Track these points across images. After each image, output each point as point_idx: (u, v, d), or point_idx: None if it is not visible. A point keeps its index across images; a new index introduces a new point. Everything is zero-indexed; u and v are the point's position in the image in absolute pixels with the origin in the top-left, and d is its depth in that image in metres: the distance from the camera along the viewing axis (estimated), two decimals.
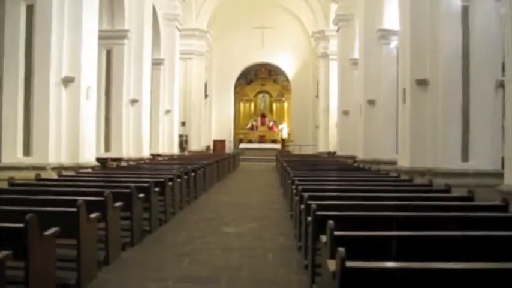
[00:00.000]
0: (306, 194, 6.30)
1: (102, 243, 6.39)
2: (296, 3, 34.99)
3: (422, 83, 12.35)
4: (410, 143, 12.56)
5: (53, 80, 12.50)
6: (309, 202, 5.96)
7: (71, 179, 10.00)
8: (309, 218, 5.53)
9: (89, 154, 13.52)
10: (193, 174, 12.78)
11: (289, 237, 8.30)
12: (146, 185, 8.31)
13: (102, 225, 6.44)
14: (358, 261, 3.39)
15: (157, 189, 8.78)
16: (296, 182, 8.52)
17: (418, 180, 11.67)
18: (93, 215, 5.85)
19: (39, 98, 12.35)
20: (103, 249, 6.40)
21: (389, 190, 8.16)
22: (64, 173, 12.08)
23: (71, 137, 12.89)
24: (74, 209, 5.41)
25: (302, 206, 6.45)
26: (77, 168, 12.74)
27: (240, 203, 12.84)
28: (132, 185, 7.60)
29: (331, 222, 4.29)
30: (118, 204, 6.72)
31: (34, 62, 12.38)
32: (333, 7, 27.35)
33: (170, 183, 9.75)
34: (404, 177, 11.52)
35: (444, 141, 11.95)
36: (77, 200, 5.61)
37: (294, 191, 8.36)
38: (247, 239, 8.24)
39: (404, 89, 13.02)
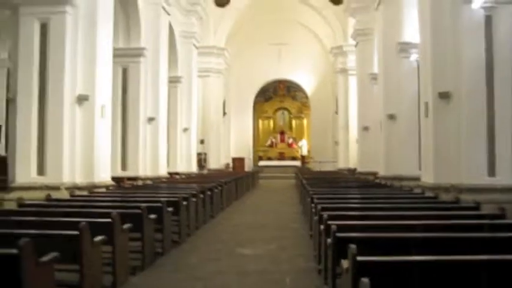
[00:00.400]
0: (325, 214, 5.88)
1: (110, 267, 6.06)
2: (313, 19, 34.78)
3: (444, 96, 11.95)
4: (433, 158, 12.12)
5: (67, 98, 12.38)
6: (329, 222, 5.58)
7: (83, 199, 9.72)
8: (329, 240, 5.12)
9: (104, 173, 13.29)
10: (209, 193, 12.42)
11: (309, 259, 7.86)
12: (159, 204, 7.96)
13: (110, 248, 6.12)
14: None
15: (170, 209, 8.43)
16: (315, 200, 8.11)
17: (443, 196, 11.24)
18: (97, 238, 5.53)
19: (53, 117, 12.24)
20: (111, 273, 6.06)
21: (414, 208, 7.71)
22: (78, 192, 11.86)
23: (85, 156, 12.68)
24: (76, 232, 5.08)
25: (322, 227, 6.04)
26: (92, 187, 12.50)
27: (257, 223, 12.43)
28: (143, 205, 7.26)
29: (353, 247, 3.87)
30: (126, 226, 6.38)
31: (48, 80, 12.31)
32: (351, 22, 27.07)
33: (185, 203, 9.39)
34: (428, 193, 11.03)
35: (469, 155, 11.53)
36: (80, 222, 5.28)
37: (313, 210, 7.96)
38: (264, 261, 7.81)
39: (426, 103, 12.60)
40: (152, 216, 7.48)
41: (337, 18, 31.70)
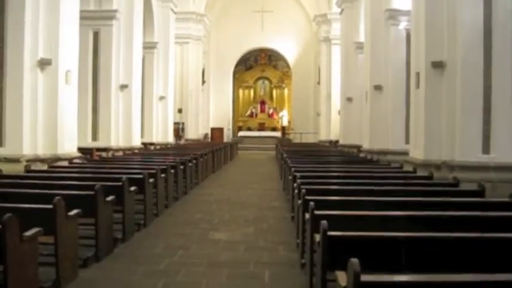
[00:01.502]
0: (312, 204, 4.97)
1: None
2: None
3: (438, 65, 11.10)
4: (424, 132, 11.31)
5: (28, 62, 11.25)
6: (316, 212, 4.75)
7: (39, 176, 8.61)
8: (318, 237, 4.26)
9: (69, 144, 12.27)
10: (182, 167, 11.46)
11: (291, 248, 6.93)
12: (118, 183, 6.98)
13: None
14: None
15: (133, 188, 7.46)
16: (299, 182, 7.12)
17: (434, 174, 10.50)
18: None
19: (12, 83, 11.13)
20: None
21: (407, 192, 6.84)
22: (39, 166, 10.93)
23: (48, 125, 11.64)
24: None
25: (307, 216, 5.15)
26: (55, 160, 11.50)
27: (234, 200, 11.47)
28: (98, 184, 6.30)
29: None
30: (74, 212, 5.42)
31: (6, 42, 11.12)
32: None
33: (151, 180, 8.44)
34: (420, 171, 10.23)
35: (462, 130, 10.74)
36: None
37: (296, 192, 7.04)
38: (240, 250, 6.87)
39: (417, 73, 11.75)
40: (110, 197, 6.50)
41: None
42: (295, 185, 7.52)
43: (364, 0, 19.87)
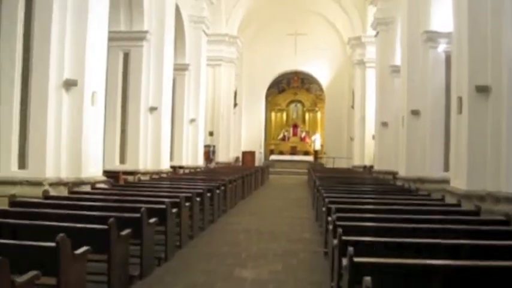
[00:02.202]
0: (351, 250, 4.30)
1: None
2: (331, 8, 33.19)
3: (483, 90, 10.40)
4: (467, 161, 10.57)
5: (53, 83, 10.94)
6: (356, 260, 4.13)
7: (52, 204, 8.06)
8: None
9: (93, 168, 11.84)
10: (209, 194, 10.90)
11: None
12: (137, 215, 6.46)
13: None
14: None
15: (153, 220, 6.86)
16: (334, 218, 6.42)
17: (477, 205, 9.74)
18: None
19: (37, 103, 10.84)
20: None
21: (460, 232, 6.08)
22: (62, 190, 10.56)
23: (72, 148, 11.25)
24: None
25: (345, 262, 4.49)
26: (78, 183, 11.11)
27: (263, 230, 10.79)
28: (113, 214, 5.73)
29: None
30: (82, 249, 4.88)
31: (32, 61, 10.86)
32: (371, 11, 25.54)
33: (174, 210, 7.90)
34: (464, 203, 9.45)
35: (510, 159, 9.98)
36: None
37: (331, 229, 6.30)
38: None
39: (459, 98, 11.03)
40: (126, 231, 5.92)
41: (355, 7, 30.11)
42: (329, 218, 6.87)
43: (400, 23, 19.27)
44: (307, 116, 41.21)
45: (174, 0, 18.78)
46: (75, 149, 11.29)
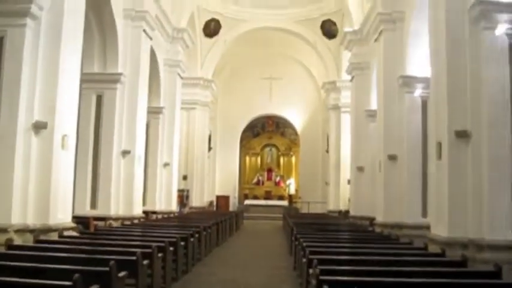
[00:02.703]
0: None
1: None
2: (306, 53, 33.44)
3: (462, 135, 10.33)
4: (448, 207, 10.40)
5: (21, 124, 10.51)
6: None
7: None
8: None
9: (62, 214, 11.31)
10: (183, 243, 10.42)
11: None
12: (105, 269, 5.96)
13: None
14: None
15: (123, 273, 6.29)
16: (317, 272, 5.87)
17: (458, 253, 9.49)
18: None
19: (4, 146, 10.40)
20: None
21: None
22: (28, 237, 10.04)
23: (40, 193, 10.74)
24: None
25: None
26: (46, 231, 10.56)
27: (239, 282, 10.18)
28: (80, 268, 5.25)
29: None
30: None
31: (0, 102, 10.44)
32: (345, 56, 25.72)
33: (146, 262, 7.42)
34: (449, 252, 9.15)
35: (491, 205, 9.86)
36: None
37: (315, 284, 5.84)
38: None
39: (439, 143, 10.92)
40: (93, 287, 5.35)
41: (330, 52, 30.31)
42: (311, 271, 6.50)
43: (376, 68, 19.36)
44: (281, 160, 41.09)
45: (149, 43, 18.58)
46: (44, 194, 10.78)
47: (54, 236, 10.38)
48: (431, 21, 12.03)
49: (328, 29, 29.90)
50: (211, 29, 30.15)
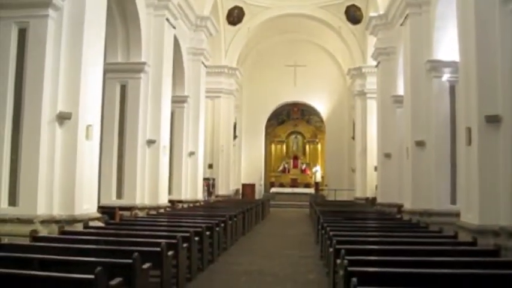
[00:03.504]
0: None
1: None
2: (330, 39, 33.08)
3: (493, 120, 9.99)
4: (479, 194, 10.10)
5: (46, 116, 10.58)
6: None
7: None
8: None
9: (87, 204, 11.34)
10: (208, 233, 10.35)
11: None
12: (129, 261, 5.89)
13: None
14: None
15: (147, 265, 6.20)
16: (345, 263, 5.69)
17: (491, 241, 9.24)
18: None
19: (29, 137, 10.46)
20: None
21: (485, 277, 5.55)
22: (53, 228, 10.08)
23: (65, 184, 10.80)
24: None
25: None
26: (71, 221, 10.60)
27: (266, 272, 10.09)
28: (103, 261, 5.17)
29: None
30: None
31: (24, 94, 10.51)
32: (371, 42, 25.31)
33: (171, 253, 7.33)
34: (480, 240, 8.88)
35: None
36: None
37: (342, 274, 5.65)
38: None
39: (468, 128, 10.62)
40: (116, 280, 5.21)
41: (355, 38, 29.94)
42: (338, 261, 6.34)
43: (402, 53, 19.00)
44: (307, 147, 40.83)
45: (172, 32, 18.49)
46: (69, 185, 10.83)
47: (79, 227, 10.41)
48: (458, 2, 11.68)
49: (353, 14, 29.50)
50: (235, 16, 29.99)
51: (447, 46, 15.32)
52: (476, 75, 10.32)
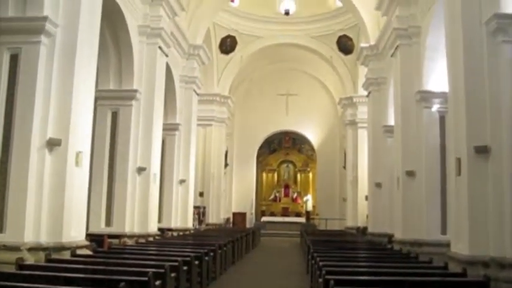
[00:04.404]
0: None
1: None
2: (322, 69, 33.46)
3: (482, 150, 10.06)
4: (469, 224, 10.12)
5: (35, 142, 10.48)
6: None
7: None
8: None
9: (76, 231, 11.22)
10: (197, 262, 10.25)
11: None
12: None
13: None
14: None
15: None
16: None
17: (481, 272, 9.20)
18: None
19: (18, 163, 10.35)
20: None
21: None
22: (41, 255, 9.94)
23: (53, 210, 10.66)
24: None
25: None
26: (58, 249, 10.47)
27: None
28: None
29: None
30: None
31: (14, 119, 10.47)
32: (362, 72, 25.60)
33: (157, 282, 7.21)
34: (470, 270, 8.84)
35: None
36: None
37: None
38: None
39: (458, 159, 10.69)
40: None
41: (347, 68, 30.31)
42: None
43: (392, 83, 19.19)
44: (298, 176, 40.84)
45: (165, 60, 18.58)
46: (57, 211, 10.71)
47: (67, 255, 10.28)
48: (448, 35, 11.86)
49: (345, 45, 29.90)
50: (227, 45, 30.31)
51: (437, 77, 15.48)
52: (465, 106, 10.42)
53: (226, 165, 33.59)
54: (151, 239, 15.99)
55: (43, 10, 10.77)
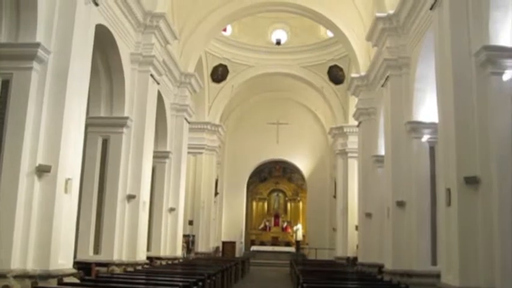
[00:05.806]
0: None
1: None
2: (313, 98, 33.66)
3: (472, 181, 10.12)
4: (459, 255, 10.12)
5: (25, 168, 10.43)
6: None
7: None
8: None
9: (63, 259, 11.10)
10: None
11: None
12: None
13: None
14: None
15: None
16: None
17: None
18: None
19: (6, 189, 10.29)
20: None
21: None
22: (27, 283, 9.81)
23: (41, 238, 10.56)
24: None
25: None
26: (45, 277, 10.33)
27: None
28: None
29: None
30: None
31: (4, 145, 10.42)
32: (352, 102, 25.78)
33: None
34: None
35: (502, 253, 9.56)
36: None
37: None
38: None
39: (448, 190, 10.73)
40: None
41: (337, 97, 30.48)
42: None
43: (383, 113, 19.30)
44: (289, 205, 40.77)
45: (156, 87, 18.62)
46: (45, 238, 10.60)
47: (53, 283, 10.16)
48: (437, 66, 12.02)
49: (335, 75, 30.15)
50: (219, 74, 30.49)
51: (427, 108, 15.58)
52: (455, 137, 10.52)
53: (216, 193, 33.49)
54: (139, 267, 15.84)
55: (36, 36, 10.82)
